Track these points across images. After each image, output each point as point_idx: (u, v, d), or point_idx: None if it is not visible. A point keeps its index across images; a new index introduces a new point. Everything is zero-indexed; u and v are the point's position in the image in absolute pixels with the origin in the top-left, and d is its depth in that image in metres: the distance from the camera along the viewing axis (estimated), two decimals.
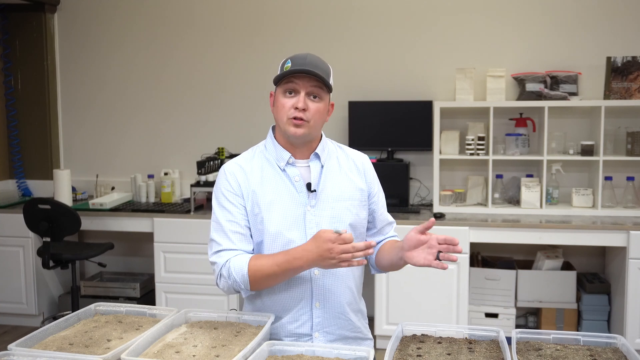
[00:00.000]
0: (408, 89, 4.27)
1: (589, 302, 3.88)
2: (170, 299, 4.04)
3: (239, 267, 1.75)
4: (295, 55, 1.79)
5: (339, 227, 1.81)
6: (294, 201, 1.82)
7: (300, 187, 1.83)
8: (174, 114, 4.62)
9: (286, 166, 1.84)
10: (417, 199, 4.31)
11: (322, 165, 1.86)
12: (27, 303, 4.27)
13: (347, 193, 1.86)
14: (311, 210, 1.81)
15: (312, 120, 1.78)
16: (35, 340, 1.65)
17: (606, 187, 3.92)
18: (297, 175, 1.84)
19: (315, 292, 1.82)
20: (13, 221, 4.18)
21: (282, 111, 1.79)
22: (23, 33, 4.67)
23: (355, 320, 1.89)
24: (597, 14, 4.05)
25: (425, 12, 4.25)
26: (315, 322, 1.83)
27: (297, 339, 1.83)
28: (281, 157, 1.85)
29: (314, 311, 1.83)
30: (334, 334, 1.85)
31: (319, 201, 1.83)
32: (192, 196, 4.09)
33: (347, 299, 1.86)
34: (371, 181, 1.95)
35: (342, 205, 1.84)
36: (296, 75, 1.76)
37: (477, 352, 1.63)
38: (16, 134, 4.75)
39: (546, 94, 3.92)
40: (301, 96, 1.77)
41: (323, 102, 1.81)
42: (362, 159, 1.97)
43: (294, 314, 1.83)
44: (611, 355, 1.60)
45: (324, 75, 1.76)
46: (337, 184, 1.86)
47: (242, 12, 4.46)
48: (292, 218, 1.81)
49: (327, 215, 1.82)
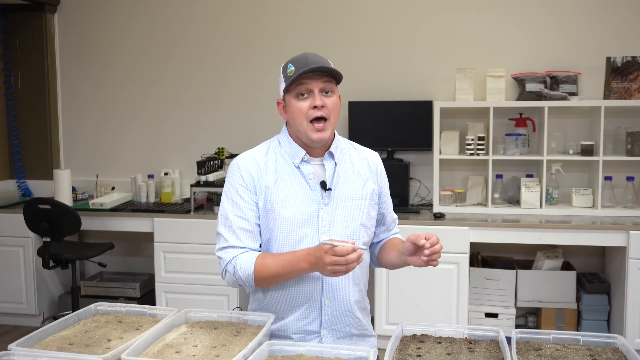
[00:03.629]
0: (408, 89, 4.27)
1: (589, 302, 3.88)
2: (170, 299, 4.05)
3: (245, 266, 1.76)
4: (294, 58, 1.80)
5: (350, 225, 1.84)
6: (308, 198, 1.82)
7: (314, 184, 1.83)
8: (174, 114, 4.62)
9: (300, 163, 1.85)
10: (417, 199, 4.31)
11: (335, 164, 1.87)
12: (27, 303, 4.27)
13: (359, 192, 1.88)
14: (324, 208, 1.82)
15: (331, 116, 1.81)
16: (35, 340, 1.65)
17: (606, 187, 3.92)
18: (312, 173, 1.84)
19: (325, 290, 1.83)
20: (13, 221, 4.18)
21: (300, 115, 1.79)
22: (23, 33, 4.67)
23: (361, 317, 1.91)
24: (597, 14, 4.05)
25: (425, 12, 4.25)
26: (324, 319, 1.84)
27: (305, 336, 1.83)
28: (296, 154, 1.85)
29: (323, 309, 1.83)
30: (342, 332, 1.87)
31: (332, 200, 1.83)
32: (192, 196, 4.09)
33: (356, 297, 1.88)
34: (382, 180, 1.98)
35: (354, 205, 1.85)
36: (305, 75, 1.76)
37: (477, 352, 1.63)
38: (16, 134, 4.76)
39: (546, 94, 3.92)
40: (316, 94, 1.78)
41: (336, 94, 1.84)
42: (374, 157, 1.99)
43: (304, 311, 1.83)
44: (611, 355, 1.60)
45: (330, 68, 1.78)
46: (350, 183, 1.87)
47: (242, 12, 4.46)
48: (306, 215, 1.81)
49: (340, 214, 1.83)
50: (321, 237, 1.79)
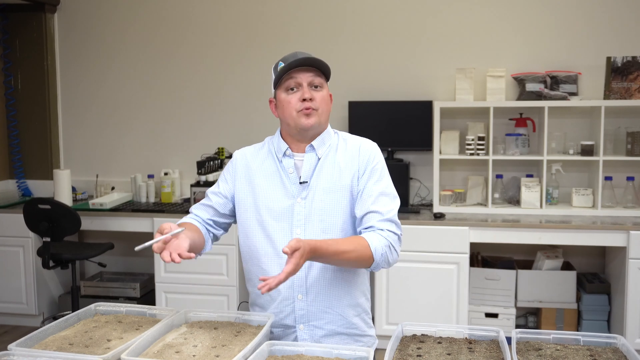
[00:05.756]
0: (408, 89, 4.27)
1: (589, 302, 3.88)
2: (170, 299, 4.05)
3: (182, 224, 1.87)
4: (285, 56, 1.83)
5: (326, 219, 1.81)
6: (285, 192, 1.84)
7: (294, 178, 1.85)
8: (174, 114, 4.62)
9: (283, 157, 1.87)
10: (417, 199, 4.31)
11: (318, 158, 1.86)
12: (27, 303, 4.27)
13: (339, 185, 1.83)
14: (301, 202, 1.83)
15: (320, 108, 1.82)
16: (35, 340, 1.65)
17: (606, 187, 3.92)
18: (292, 166, 1.86)
19: (296, 284, 1.81)
20: (13, 221, 4.18)
21: (290, 107, 1.82)
22: (23, 33, 4.67)
23: (350, 315, 1.86)
24: (597, 14, 4.05)
25: (425, 12, 4.24)
26: (299, 314, 1.83)
27: (285, 330, 1.85)
28: (280, 148, 1.88)
29: (297, 303, 1.83)
30: (324, 329, 1.84)
31: (310, 193, 1.83)
32: (192, 196, 4.09)
33: (337, 293, 1.84)
34: (362, 164, 1.84)
35: (332, 198, 1.83)
36: (293, 70, 1.79)
37: (477, 352, 1.63)
38: (16, 134, 4.76)
39: (546, 94, 3.92)
40: (304, 88, 1.81)
41: (325, 89, 1.85)
42: (362, 143, 1.88)
43: (278, 304, 1.84)
44: (611, 355, 1.60)
45: (319, 63, 1.80)
46: (330, 176, 1.85)
47: (242, 12, 4.46)
48: (281, 209, 1.83)
49: (317, 207, 1.82)
50: (294, 231, 1.81)
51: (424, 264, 3.72)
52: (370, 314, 1.98)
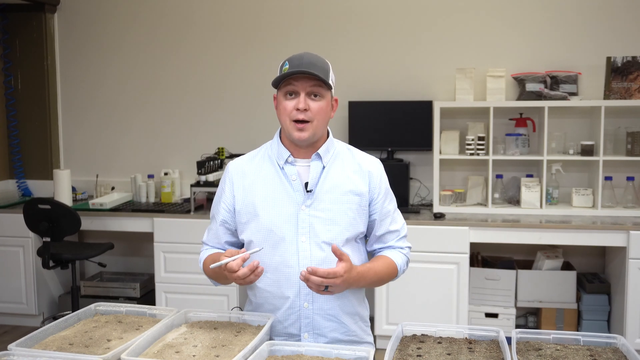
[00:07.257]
0: (408, 89, 4.27)
1: (589, 302, 3.88)
2: (170, 299, 4.04)
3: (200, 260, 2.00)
4: (293, 56, 1.79)
5: (333, 229, 1.81)
6: (289, 200, 1.82)
7: (297, 186, 1.83)
8: (174, 114, 4.62)
9: (285, 165, 1.85)
10: (417, 199, 4.31)
11: (323, 166, 1.85)
12: (27, 303, 4.27)
13: (345, 196, 1.83)
14: (306, 209, 1.81)
15: (315, 120, 1.79)
16: (35, 340, 1.66)
17: (606, 187, 3.92)
18: (295, 174, 1.84)
19: (303, 292, 1.81)
20: (13, 221, 4.18)
21: (285, 114, 1.80)
22: (23, 33, 4.67)
23: (349, 323, 1.87)
24: (597, 14, 4.05)
25: (425, 12, 4.25)
26: (304, 322, 1.83)
27: (288, 339, 1.83)
28: (281, 155, 1.85)
29: (303, 311, 1.82)
30: (327, 337, 1.84)
31: (315, 202, 1.82)
32: (192, 196, 4.09)
33: (340, 301, 1.84)
34: (376, 187, 1.89)
35: (339, 209, 1.82)
36: (294, 76, 1.76)
37: (477, 352, 1.63)
38: (16, 134, 4.75)
39: (546, 94, 3.92)
40: (301, 97, 1.77)
41: (324, 99, 1.80)
42: (370, 162, 1.92)
43: (284, 312, 1.83)
44: (611, 355, 1.60)
45: (321, 74, 1.75)
46: (335, 186, 1.84)
47: (242, 12, 4.46)
48: (286, 216, 1.81)
49: (322, 216, 1.81)
50: (300, 239, 1.80)
51: (424, 264, 3.72)
52: (369, 322, 1.99)
